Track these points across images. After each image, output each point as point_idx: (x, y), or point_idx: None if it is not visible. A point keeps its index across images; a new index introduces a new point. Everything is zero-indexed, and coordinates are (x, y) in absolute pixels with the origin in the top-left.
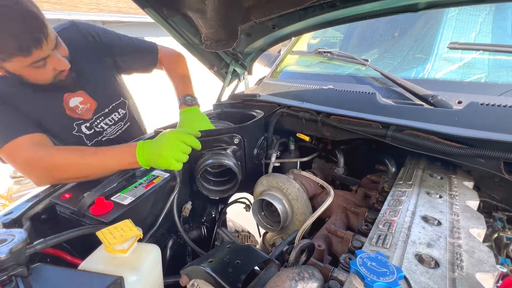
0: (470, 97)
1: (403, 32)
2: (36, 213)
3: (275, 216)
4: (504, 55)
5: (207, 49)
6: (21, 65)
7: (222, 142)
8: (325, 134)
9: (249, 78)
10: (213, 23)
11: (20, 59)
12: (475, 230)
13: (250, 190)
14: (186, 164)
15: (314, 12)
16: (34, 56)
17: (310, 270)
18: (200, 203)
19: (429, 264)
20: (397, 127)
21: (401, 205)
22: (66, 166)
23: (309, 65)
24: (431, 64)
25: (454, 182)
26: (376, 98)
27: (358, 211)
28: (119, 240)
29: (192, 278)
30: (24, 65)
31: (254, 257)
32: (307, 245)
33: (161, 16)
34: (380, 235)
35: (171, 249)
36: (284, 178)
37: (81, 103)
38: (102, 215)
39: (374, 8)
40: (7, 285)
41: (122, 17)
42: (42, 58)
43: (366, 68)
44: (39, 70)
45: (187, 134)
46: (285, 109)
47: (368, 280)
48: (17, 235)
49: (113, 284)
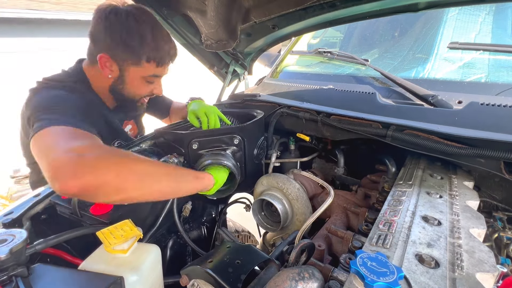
0: (470, 97)
1: (403, 32)
2: (36, 213)
3: (275, 216)
4: (504, 55)
5: (207, 49)
6: (144, 74)
7: (222, 142)
8: (325, 134)
9: (249, 78)
10: (213, 23)
11: (152, 66)
12: (475, 230)
13: (250, 190)
14: (186, 164)
15: (314, 12)
16: (160, 69)
17: (310, 270)
18: (200, 203)
19: (429, 264)
20: (397, 127)
21: (401, 205)
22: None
23: (309, 65)
24: (431, 64)
25: (454, 182)
26: (376, 98)
27: (358, 211)
28: (119, 240)
29: (192, 278)
30: (146, 74)
31: (254, 257)
32: (307, 245)
33: (161, 16)
34: (380, 235)
35: (171, 249)
36: (284, 178)
37: (130, 130)
38: (102, 215)
39: (374, 8)
40: (7, 285)
41: None
42: (160, 75)
43: (366, 68)
44: (145, 86)
45: None
46: (285, 109)
47: (368, 280)
48: (17, 235)
49: (113, 284)
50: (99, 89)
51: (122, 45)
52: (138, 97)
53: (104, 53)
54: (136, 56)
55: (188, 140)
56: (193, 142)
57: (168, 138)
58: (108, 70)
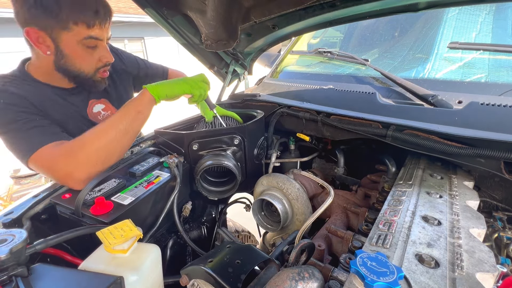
0: (470, 97)
1: (403, 32)
2: (36, 213)
3: (275, 216)
4: (504, 55)
5: (207, 49)
6: (78, 38)
7: (222, 143)
8: (325, 134)
9: (249, 78)
10: (213, 23)
11: (82, 28)
12: (475, 230)
13: (250, 190)
14: (186, 164)
15: (314, 12)
16: (94, 30)
17: (310, 270)
18: (200, 203)
19: (429, 264)
20: (397, 127)
21: (401, 205)
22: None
23: (309, 65)
24: (431, 64)
25: (454, 182)
26: (376, 98)
27: (358, 211)
28: (119, 240)
29: (192, 278)
30: (80, 38)
31: (254, 257)
32: (307, 245)
33: (161, 16)
34: (380, 235)
35: (171, 249)
36: (284, 178)
37: (103, 109)
38: (102, 215)
39: (374, 8)
40: (7, 285)
41: (122, 17)
42: (98, 37)
43: (366, 68)
44: (87, 53)
45: None
46: (285, 109)
47: (368, 280)
48: (17, 235)
49: (113, 284)
50: (46, 76)
51: (41, 10)
52: (88, 70)
53: (30, 27)
54: (60, 19)
55: (188, 140)
56: (193, 143)
57: (168, 138)
58: (43, 46)
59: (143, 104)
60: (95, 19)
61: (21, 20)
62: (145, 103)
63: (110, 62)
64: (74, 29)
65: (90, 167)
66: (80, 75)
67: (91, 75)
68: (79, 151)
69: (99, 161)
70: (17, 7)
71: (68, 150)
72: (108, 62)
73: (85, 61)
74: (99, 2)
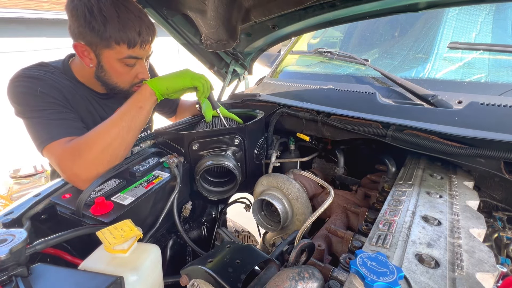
0: (470, 97)
1: (403, 32)
2: (36, 213)
3: (275, 216)
4: (504, 55)
5: (207, 49)
6: (118, 56)
7: (222, 143)
8: (325, 134)
9: (249, 78)
10: (213, 23)
11: (123, 48)
12: (475, 230)
13: (250, 190)
14: (186, 165)
15: (314, 12)
16: (135, 50)
17: (310, 270)
18: (200, 203)
19: (429, 264)
20: (397, 127)
21: (401, 205)
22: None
23: (309, 65)
24: (431, 64)
25: (454, 182)
26: (376, 98)
27: (358, 211)
28: (119, 240)
29: (192, 278)
30: (121, 57)
31: (254, 257)
32: (307, 245)
33: (161, 16)
34: (380, 235)
35: (171, 249)
36: (284, 178)
37: None
38: (102, 215)
39: (374, 8)
40: (7, 285)
41: None
42: (138, 56)
43: (366, 68)
44: (125, 70)
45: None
46: (285, 109)
47: (368, 280)
48: (17, 235)
49: (113, 284)
50: (85, 79)
51: (88, 28)
52: (124, 85)
53: (78, 42)
54: (104, 39)
55: (189, 140)
56: (193, 143)
57: (168, 138)
58: (87, 59)
59: (143, 99)
60: (136, 40)
61: (72, 34)
62: (145, 98)
63: (146, 79)
64: (116, 48)
65: (97, 166)
66: (116, 88)
67: (126, 89)
68: (85, 151)
69: (105, 160)
70: (70, 22)
71: (76, 149)
72: (144, 79)
73: (122, 77)
74: (142, 23)
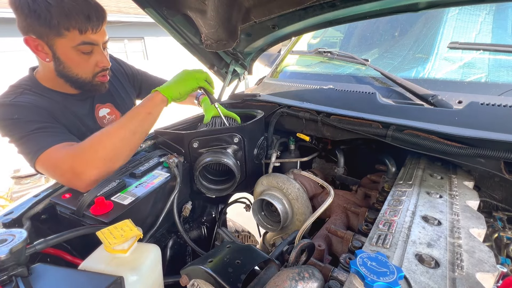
0: (470, 97)
1: (403, 32)
2: (36, 213)
3: (275, 216)
4: (504, 55)
5: (207, 49)
6: (72, 44)
7: (222, 141)
8: (325, 134)
9: (249, 78)
10: (213, 23)
11: (75, 34)
12: (475, 230)
13: (250, 190)
14: (186, 164)
15: (314, 12)
16: (88, 36)
17: (310, 270)
18: (200, 203)
19: (429, 264)
20: (397, 127)
21: (401, 205)
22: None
23: (309, 65)
24: (431, 63)
25: (454, 182)
26: (376, 98)
27: (358, 211)
28: (119, 240)
29: (192, 278)
30: (74, 44)
31: (254, 257)
32: (307, 245)
33: (161, 16)
34: (380, 235)
35: (171, 249)
36: (284, 178)
37: (108, 113)
38: (102, 215)
39: (374, 8)
40: (7, 285)
41: (122, 17)
42: (92, 42)
43: (366, 68)
44: (83, 59)
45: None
46: (285, 109)
47: (368, 280)
48: (17, 235)
49: (113, 284)
50: (52, 82)
51: (34, 17)
52: (86, 75)
53: (28, 35)
54: (52, 26)
55: (188, 140)
56: (193, 141)
57: (168, 138)
58: (42, 54)
59: (153, 105)
60: (87, 24)
61: (20, 29)
62: (155, 104)
63: (107, 66)
64: (67, 35)
65: (100, 167)
66: (78, 80)
67: (89, 80)
68: (88, 151)
69: (108, 161)
70: (16, 17)
71: (78, 150)
72: (105, 67)
73: (81, 66)
74: (90, 7)
